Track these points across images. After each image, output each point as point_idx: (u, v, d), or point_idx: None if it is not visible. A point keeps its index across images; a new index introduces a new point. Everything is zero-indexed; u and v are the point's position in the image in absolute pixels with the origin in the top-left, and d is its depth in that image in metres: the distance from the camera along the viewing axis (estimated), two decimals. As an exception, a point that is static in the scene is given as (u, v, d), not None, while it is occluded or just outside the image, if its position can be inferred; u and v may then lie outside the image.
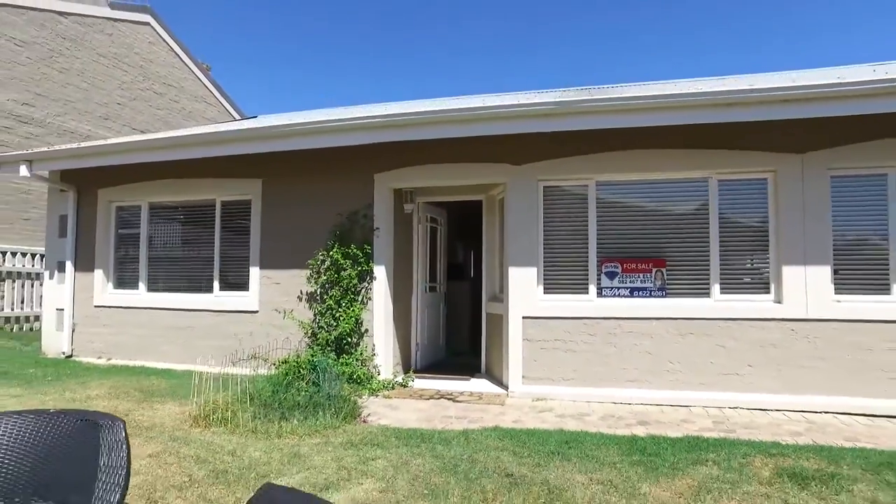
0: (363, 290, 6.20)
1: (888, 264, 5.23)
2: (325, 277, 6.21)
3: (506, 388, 5.86)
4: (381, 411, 4.98)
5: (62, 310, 7.51)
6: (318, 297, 6.30)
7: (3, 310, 9.30)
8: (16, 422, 2.17)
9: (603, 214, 5.77)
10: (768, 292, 5.46)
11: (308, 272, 6.40)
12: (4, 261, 9.52)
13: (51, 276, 7.65)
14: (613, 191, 5.80)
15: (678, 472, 3.40)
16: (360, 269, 6.13)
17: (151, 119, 13.89)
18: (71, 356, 7.45)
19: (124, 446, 2.15)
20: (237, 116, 16.82)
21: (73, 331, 7.49)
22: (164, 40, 14.40)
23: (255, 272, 6.68)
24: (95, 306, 7.41)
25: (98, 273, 7.43)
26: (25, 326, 9.66)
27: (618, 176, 5.71)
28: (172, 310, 7.04)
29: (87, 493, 2.03)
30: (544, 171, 5.80)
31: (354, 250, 6.11)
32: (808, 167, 5.32)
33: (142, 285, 7.38)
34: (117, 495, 2.01)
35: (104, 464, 2.09)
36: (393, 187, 6.40)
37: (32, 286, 9.97)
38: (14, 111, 10.79)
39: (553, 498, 2.99)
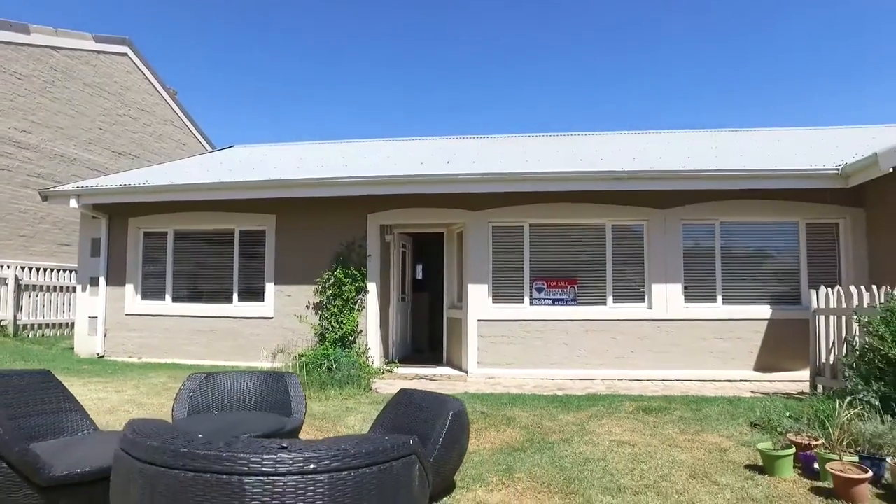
0: (359, 301, 8.26)
1: (715, 283, 7.96)
2: (330, 291, 8.21)
3: (465, 371, 8.09)
4: (382, 387, 7.07)
5: (95, 317, 9.01)
6: (323, 307, 8.28)
7: (19, 319, 10.49)
8: (249, 377, 4.19)
9: (534, 247, 8.19)
10: (643, 301, 8.04)
11: (315, 287, 8.38)
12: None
13: (83, 289, 9.12)
14: (541, 230, 8.22)
15: (581, 409, 5.75)
16: (357, 285, 8.19)
17: (128, 142, 15.13)
18: (103, 356, 8.96)
19: (299, 387, 4.19)
20: (200, 138, 18.18)
21: (105, 335, 9.00)
22: (139, 69, 15.64)
23: (270, 286, 8.57)
24: (126, 314, 8.97)
25: (129, 287, 9.00)
26: (39, 333, 10.87)
27: (544, 220, 8.13)
28: (196, 317, 8.76)
29: (286, 406, 4.06)
30: (493, 215, 8.14)
31: (353, 271, 8.18)
32: (669, 218, 7.96)
33: (168, 297, 9.03)
34: (303, 408, 4.06)
35: (293, 394, 4.13)
36: (381, 223, 8.50)
37: (37, 296, 11.14)
38: (14, 138, 11.92)
39: (510, 422, 5.23)
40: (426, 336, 11.06)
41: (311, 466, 1.71)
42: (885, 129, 10.87)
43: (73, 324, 11.50)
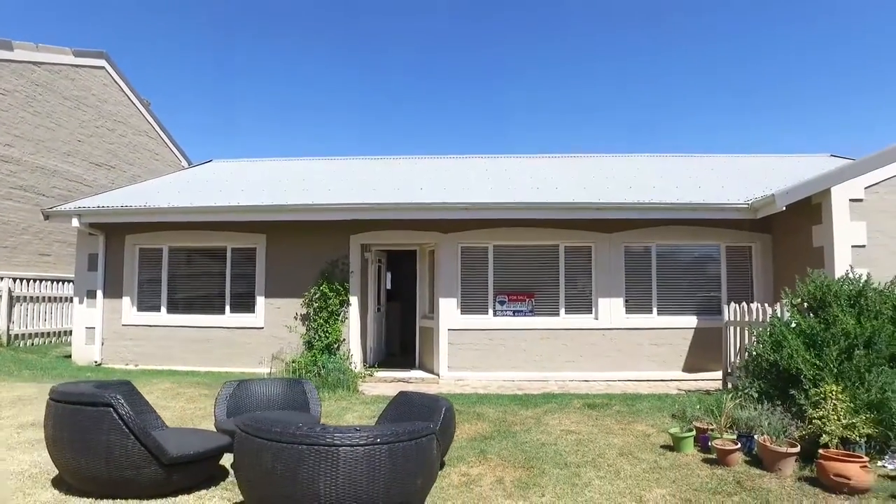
0: (342, 313, 9.26)
1: (651, 297, 9.36)
2: (316, 304, 9.18)
3: (437, 374, 9.21)
4: (367, 389, 8.11)
5: (92, 328, 9.67)
6: (310, 318, 9.24)
7: (11, 328, 10.95)
8: (274, 383, 5.19)
9: (497, 265, 9.40)
10: (591, 312, 9.36)
11: (302, 300, 9.33)
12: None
13: (80, 301, 9.76)
14: (504, 250, 9.45)
15: (537, 406, 6.95)
16: (340, 298, 9.19)
17: (104, 153, 15.55)
18: (100, 364, 9.63)
19: (315, 391, 5.22)
20: (173, 148, 18.67)
21: (103, 344, 9.68)
22: (115, 81, 16.06)
23: (260, 299, 9.47)
24: (123, 325, 9.68)
25: (125, 299, 9.71)
26: (29, 342, 11.35)
27: (506, 242, 9.36)
28: (191, 327, 9.56)
29: (305, 406, 5.08)
30: (461, 237, 9.30)
31: (337, 286, 9.18)
32: (613, 242, 9.31)
33: (163, 308, 9.78)
34: (318, 407, 5.10)
35: (309, 396, 5.15)
36: (361, 242, 9.53)
37: (26, 307, 11.59)
38: (-2, 152, 12.31)
39: (479, 417, 6.38)
40: (398, 341, 12.14)
41: (378, 441, 2.80)
42: (801, 160, 12.62)
43: (60, 332, 12.08)
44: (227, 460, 4.04)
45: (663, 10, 40.87)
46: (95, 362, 9.61)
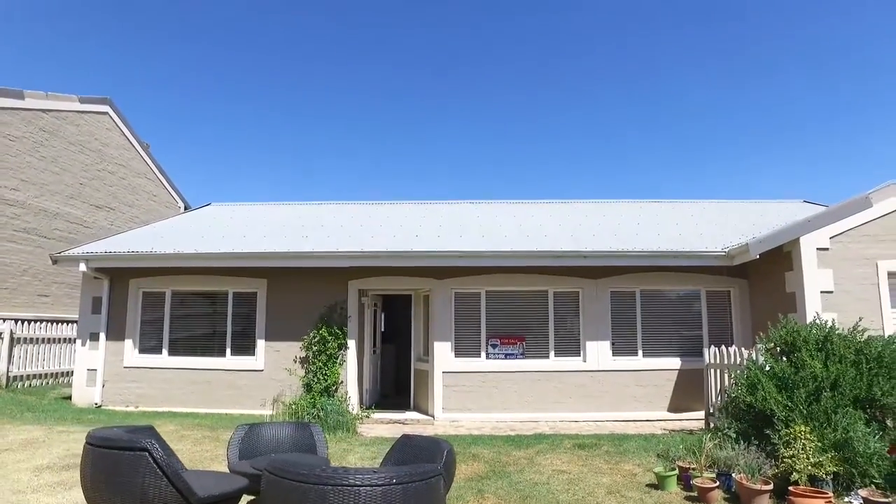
0: (340, 356, 9.60)
1: (636, 339, 9.82)
2: (315, 348, 9.52)
3: (432, 416, 9.51)
4: (365, 430, 8.39)
5: (94, 370, 9.88)
6: (309, 361, 9.56)
7: (11, 370, 11.09)
8: (283, 426, 5.51)
9: (489, 309, 9.84)
10: (579, 355, 9.78)
11: (302, 343, 9.66)
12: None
13: (83, 344, 10.00)
14: (495, 295, 9.90)
15: (530, 446, 7.28)
16: (339, 342, 9.55)
17: (105, 195, 15.95)
18: (101, 406, 9.81)
19: (322, 434, 5.55)
20: (170, 189, 19.11)
21: (104, 386, 9.88)
22: (117, 126, 16.59)
23: (261, 343, 9.78)
24: (124, 367, 9.90)
25: (128, 342, 9.97)
26: (28, 383, 11.47)
27: (498, 287, 9.82)
28: (192, 369, 9.82)
29: (313, 449, 5.40)
30: (455, 283, 9.76)
31: (335, 330, 9.54)
32: (599, 287, 9.81)
33: (164, 351, 10.04)
34: (325, 449, 5.42)
35: (317, 439, 5.47)
36: (359, 288, 9.94)
37: (26, 348, 11.75)
38: (4, 196, 12.67)
39: (475, 457, 6.70)
40: (392, 382, 12.43)
41: (394, 481, 3.18)
42: (775, 206, 13.35)
43: (58, 374, 12.22)
44: (243, 501, 4.35)
45: (645, 69, 42.73)
46: (96, 404, 9.78)
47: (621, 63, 42.99)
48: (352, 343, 9.70)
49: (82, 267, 9.42)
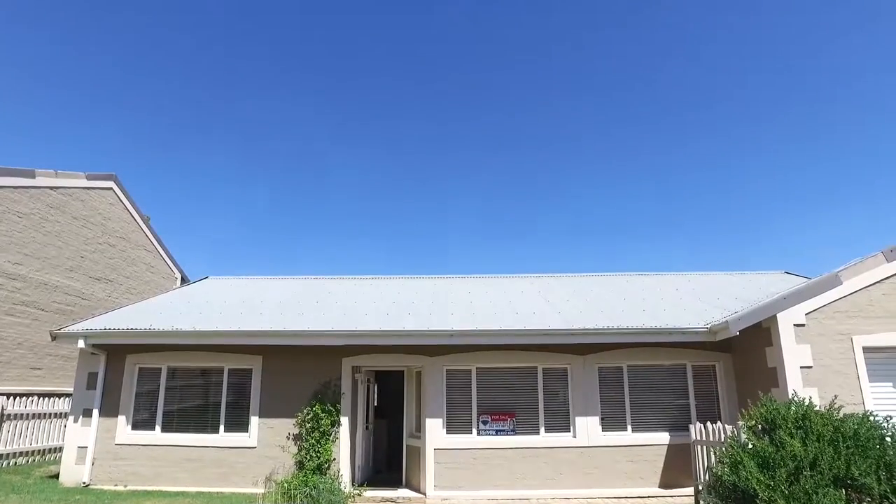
0: (333, 433, 9.67)
1: (625, 415, 9.97)
2: (308, 425, 9.59)
3: (424, 494, 9.48)
4: (356, 511, 8.37)
5: (84, 447, 9.85)
6: (302, 438, 9.61)
7: (-1, 448, 11.00)
8: None
9: (480, 386, 10.03)
10: (569, 431, 9.89)
11: (295, 420, 9.75)
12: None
13: (75, 420, 10.01)
14: (485, 372, 10.12)
15: (518, 528, 7.31)
16: (332, 419, 9.64)
17: (104, 268, 16.27)
18: (89, 485, 9.71)
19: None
20: (168, 260, 19.47)
21: (93, 464, 9.82)
22: (120, 200, 17.13)
23: (254, 419, 9.86)
24: (116, 444, 9.89)
25: (121, 418, 10.01)
26: (13, 462, 11.33)
27: (488, 364, 10.06)
28: (184, 446, 9.82)
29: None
30: (447, 361, 10.00)
31: (329, 407, 9.67)
32: (587, 363, 10.07)
33: (157, 427, 10.07)
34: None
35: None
36: (352, 365, 10.14)
37: (13, 425, 11.69)
38: (7, 270, 12.96)
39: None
40: (385, 457, 12.38)
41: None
42: (757, 278, 13.82)
43: (44, 451, 12.11)
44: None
45: (629, 147, 44.62)
46: (84, 483, 9.69)
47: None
48: (345, 420, 9.80)
49: (81, 344, 9.60)
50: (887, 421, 6.73)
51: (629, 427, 9.99)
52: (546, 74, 44.64)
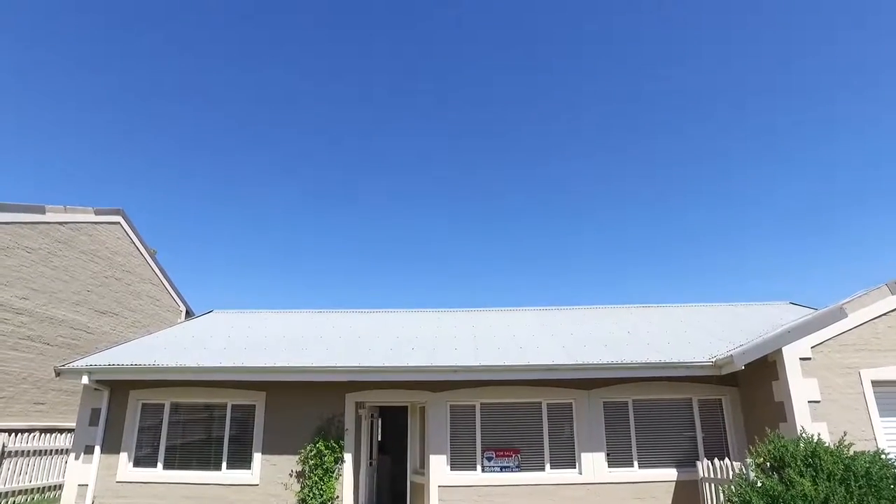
0: (337, 470, 9.57)
1: (631, 450, 9.83)
2: (312, 461, 9.50)
3: (427, 532, 9.33)
4: (359, 551, 8.22)
5: (85, 485, 9.77)
6: (305, 475, 9.51)
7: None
8: None
9: (484, 422, 9.95)
10: (575, 467, 9.75)
11: (298, 457, 9.66)
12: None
13: (77, 458, 9.94)
14: (490, 408, 10.05)
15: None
16: (335, 456, 9.56)
17: (110, 301, 16.35)
18: (88, 524, 9.60)
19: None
20: (173, 294, 19.56)
21: (94, 502, 9.72)
22: (127, 234, 17.32)
23: (257, 456, 9.77)
24: (117, 481, 9.79)
25: (122, 455, 9.93)
26: (12, 500, 11.22)
27: (492, 399, 9.99)
28: (186, 483, 9.72)
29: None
30: (450, 396, 9.95)
31: (332, 443, 9.59)
32: (592, 398, 9.98)
33: (159, 464, 9.98)
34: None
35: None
36: (356, 401, 10.09)
37: (15, 462, 11.61)
38: (13, 305, 13.06)
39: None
40: (389, 493, 12.21)
41: None
42: (762, 309, 13.76)
43: (44, 488, 12.00)
44: None
45: (625, 174, 45.00)
46: (84, 522, 9.58)
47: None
48: (348, 457, 9.70)
49: (85, 380, 9.61)
50: (900, 459, 6.62)
51: (636, 463, 9.84)
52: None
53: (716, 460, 8.36)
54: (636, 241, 48.38)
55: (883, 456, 6.76)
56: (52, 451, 12.43)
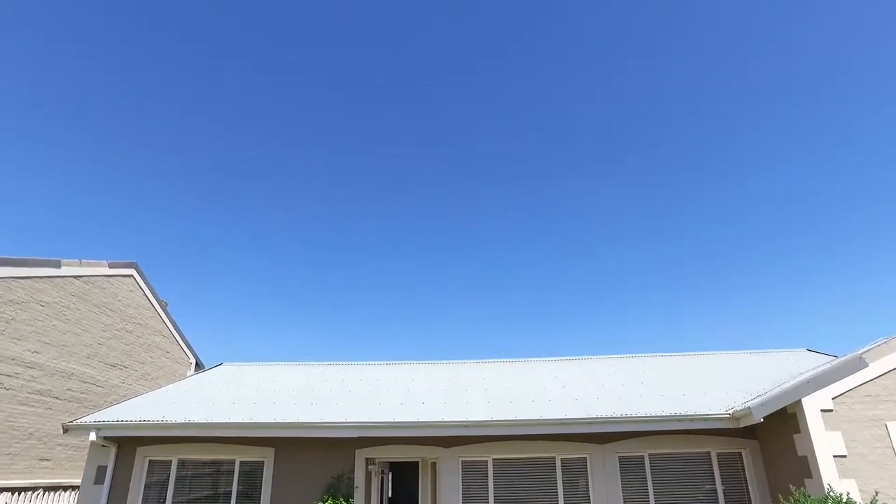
0: (346, 529, 9.29)
1: (649, 509, 9.49)
2: (321, 520, 9.25)
3: None
4: None
5: (88, 548, 9.54)
6: (314, 534, 9.24)
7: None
8: None
9: (496, 477, 9.70)
10: (592, 525, 9.40)
11: (307, 515, 9.41)
12: None
13: (81, 519, 9.76)
14: (502, 463, 9.81)
15: None
16: (344, 513, 9.30)
17: (120, 354, 16.36)
18: (90, 589, 9.31)
19: None
20: (183, 345, 19.55)
21: (96, 565, 9.46)
22: (140, 287, 17.49)
23: (265, 514, 9.53)
24: (121, 543, 9.57)
25: (128, 514, 9.73)
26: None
27: (504, 455, 9.76)
28: (191, 545, 9.46)
29: None
30: (462, 451, 9.73)
31: (342, 501, 9.34)
32: (607, 452, 9.72)
33: (165, 523, 9.76)
34: None
35: None
36: (366, 457, 9.90)
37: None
38: (25, 359, 13.10)
39: None
40: (398, 555, 11.78)
41: None
42: (778, 357, 13.48)
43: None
44: None
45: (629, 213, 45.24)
46: (86, 588, 9.30)
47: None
48: (357, 515, 9.44)
49: (92, 436, 9.52)
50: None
51: (664, 519, 9.47)
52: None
53: (739, 519, 8.03)
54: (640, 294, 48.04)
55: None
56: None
